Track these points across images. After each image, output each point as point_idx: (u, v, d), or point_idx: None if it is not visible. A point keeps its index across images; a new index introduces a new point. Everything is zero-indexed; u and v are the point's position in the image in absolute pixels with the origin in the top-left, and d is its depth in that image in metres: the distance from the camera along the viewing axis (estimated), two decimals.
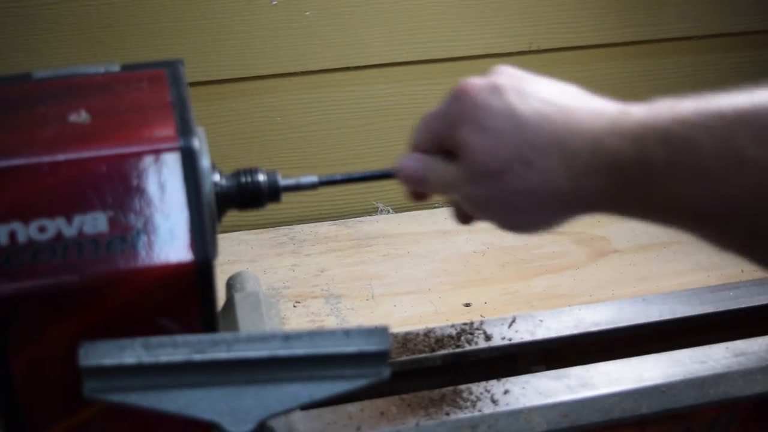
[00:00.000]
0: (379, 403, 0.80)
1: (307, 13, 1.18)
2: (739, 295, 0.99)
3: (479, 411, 0.79)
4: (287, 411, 0.54)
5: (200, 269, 0.55)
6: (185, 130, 0.56)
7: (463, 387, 0.83)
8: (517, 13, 1.24)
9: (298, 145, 1.24)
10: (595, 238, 1.15)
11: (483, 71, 1.32)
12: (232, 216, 0.66)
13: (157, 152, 0.55)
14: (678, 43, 1.32)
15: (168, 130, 0.56)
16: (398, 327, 0.94)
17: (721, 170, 0.52)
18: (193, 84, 0.86)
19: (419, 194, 0.73)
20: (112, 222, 0.54)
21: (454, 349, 0.89)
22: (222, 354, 0.52)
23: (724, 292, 1.00)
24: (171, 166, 0.55)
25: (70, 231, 0.53)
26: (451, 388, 0.82)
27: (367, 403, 0.80)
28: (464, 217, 0.72)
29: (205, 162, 0.57)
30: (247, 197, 0.62)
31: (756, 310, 0.98)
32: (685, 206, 0.55)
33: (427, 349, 0.89)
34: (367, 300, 1.04)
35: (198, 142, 0.56)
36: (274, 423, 0.72)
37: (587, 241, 1.15)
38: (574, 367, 0.86)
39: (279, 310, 0.98)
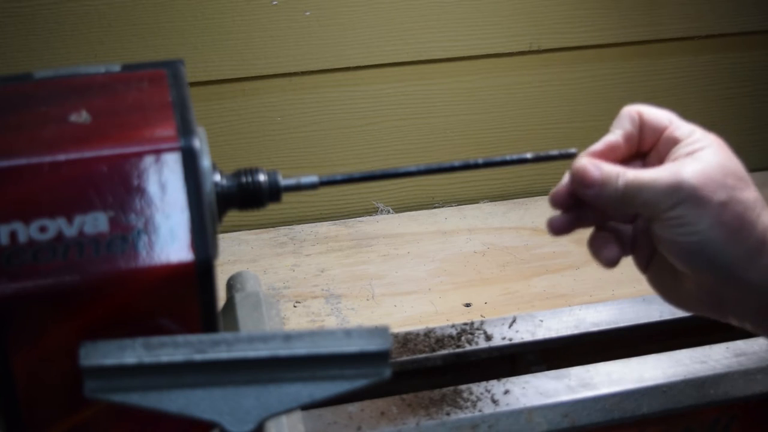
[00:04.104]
0: (380, 403, 0.80)
1: (307, 13, 1.18)
2: None
3: (480, 411, 0.80)
4: (288, 411, 0.54)
5: (201, 269, 0.55)
6: (186, 130, 0.56)
7: (463, 387, 0.83)
8: (517, 13, 1.24)
9: (298, 145, 1.24)
10: None
11: (483, 71, 1.32)
12: (232, 216, 0.66)
13: (157, 152, 0.55)
14: (678, 43, 1.32)
15: (169, 130, 0.56)
16: (399, 327, 0.94)
17: None
18: (193, 84, 0.86)
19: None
20: (113, 222, 0.54)
21: (454, 349, 0.89)
22: (222, 354, 0.52)
23: None
24: (172, 166, 0.55)
25: (70, 231, 0.53)
26: (451, 388, 0.82)
27: (367, 403, 0.80)
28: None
29: (205, 162, 0.57)
30: (248, 197, 0.62)
31: None
32: None
33: (427, 349, 0.89)
34: (368, 300, 1.04)
35: (199, 142, 0.56)
36: (275, 423, 0.72)
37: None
38: (574, 367, 0.86)
39: (279, 310, 0.98)
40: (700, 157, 0.64)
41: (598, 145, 0.68)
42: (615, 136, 0.68)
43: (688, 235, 0.63)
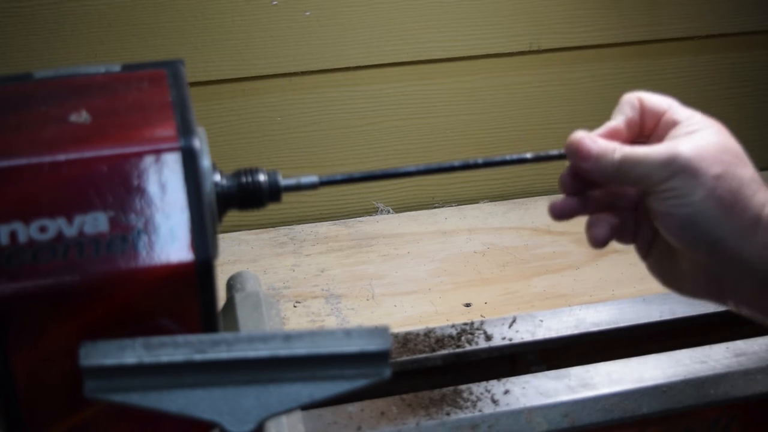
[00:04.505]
0: (380, 403, 0.80)
1: (307, 13, 1.18)
2: None
3: (480, 411, 0.80)
4: (288, 411, 0.54)
5: (201, 269, 0.55)
6: (186, 130, 0.56)
7: (463, 387, 0.83)
8: (517, 13, 1.24)
9: (298, 145, 1.24)
10: None
11: (483, 71, 1.32)
12: (232, 216, 0.66)
13: (157, 152, 0.55)
14: (678, 43, 1.32)
15: (169, 130, 0.56)
16: (399, 327, 0.94)
17: None
18: (193, 84, 0.86)
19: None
20: (113, 222, 0.54)
21: (454, 349, 0.89)
22: (222, 354, 0.52)
23: None
24: (172, 166, 0.55)
25: (70, 231, 0.53)
26: (451, 388, 0.82)
27: (367, 403, 0.80)
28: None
29: (205, 162, 0.57)
30: (248, 197, 0.62)
31: None
32: None
33: (427, 349, 0.89)
34: (368, 300, 1.04)
35: (199, 142, 0.56)
36: (275, 423, 0.72)
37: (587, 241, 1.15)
38: (574, 367, 0.86)
39: (279, 310, 0.98)
40: (698, 135, 0.65)
41: (600, 130, 0.69)
42: (617, 121, 0.69)
43: (681, 207, 0.63)
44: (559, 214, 0.70)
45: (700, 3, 1.29)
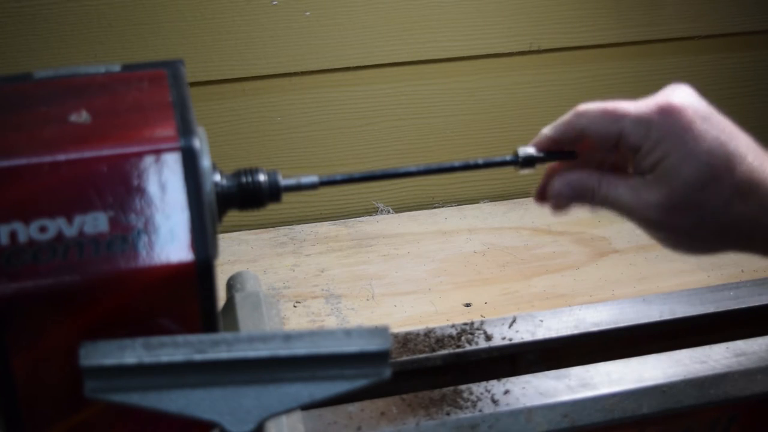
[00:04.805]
0: (380, 403, 0.80)
1: (307, 13, 1.18)
2: (739, 295, 0.99)
3: (480, 411, 0.79)
4: (288, 411, 0.54)
5: (201, 269, 0.55)
6: (186, 130, 0.56)
7: (463, 387, 0.83)
8: (517, 13, 1.24)
9: (298, 145, 1.24)
10: (595, 238, 1.15)
11: (483, 71, 1.32)
12: (232, 216, 0.66)
13: (157, 152, 0.55)
14: (678, 43, 1.32)
15: (169, 130, 0.56)
16: (399, 327, 0.94)
17: None
18: (193, 84, 0.86)
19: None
20: (113, 222, 0.54)
21: (454, 349, 0.89)
22: (222, 354, 0.52)
23: (724, 292, 1.00)
24: (172, 166, 0.55)
25: (70, 231, 0.53)
26: (451, 388, 0.82)
27: (367, 403, 0.80)
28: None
29: (205, 162, 0.57)
30: (248, 197, 0.62)
31: (756, 310, 0.98)
32: None
33: (427, 349, 0.89)
34: (368, 300, 1.04)
35: (199, 142, 0.56)
36: (275, 423, 0.72)
37: (587, 241, 1.15)
38: (574, 367, 0.86)
39: (279, 310, 0.98)
40: (664, 172, 0.64)
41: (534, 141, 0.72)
42: (547, 132, 0.71)
43: (673, 246, 0.68)
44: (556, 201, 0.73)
45: (700, 3, 1.29)
